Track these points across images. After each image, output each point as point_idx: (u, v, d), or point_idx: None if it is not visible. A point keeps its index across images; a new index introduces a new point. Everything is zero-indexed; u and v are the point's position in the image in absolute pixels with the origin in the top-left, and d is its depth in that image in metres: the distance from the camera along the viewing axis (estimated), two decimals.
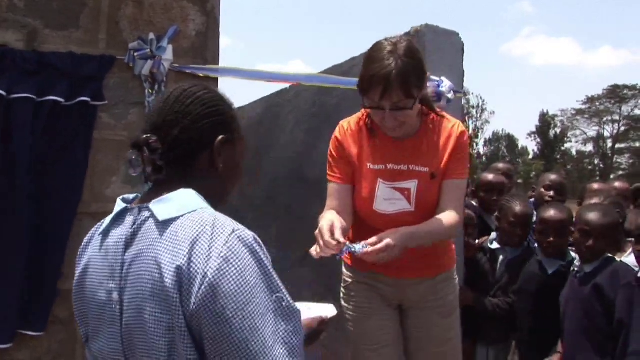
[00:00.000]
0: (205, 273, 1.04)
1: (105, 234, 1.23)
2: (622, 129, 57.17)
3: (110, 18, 2.57)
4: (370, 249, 1.89)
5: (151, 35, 2.53)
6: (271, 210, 4.78)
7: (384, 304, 2.30)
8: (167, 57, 2.54)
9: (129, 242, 1.17)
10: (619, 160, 59.08)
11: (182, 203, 1.17)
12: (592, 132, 59.33)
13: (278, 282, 1.13)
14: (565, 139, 62.40)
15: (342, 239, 1.91)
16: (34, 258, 2.53)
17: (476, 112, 67.05)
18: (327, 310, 1.54)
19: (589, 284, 2.54)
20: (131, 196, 1.28)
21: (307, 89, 4.26)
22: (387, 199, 2.14)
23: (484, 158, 69.36)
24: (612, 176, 56.73)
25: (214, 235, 1.08)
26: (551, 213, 2.91)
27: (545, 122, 62.89)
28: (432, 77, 3.06)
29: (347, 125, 2.26)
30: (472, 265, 3.16)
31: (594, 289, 2.51)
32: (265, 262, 1.12)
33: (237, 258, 1.07)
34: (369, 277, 2.29)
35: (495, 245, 3.22)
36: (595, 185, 3.83)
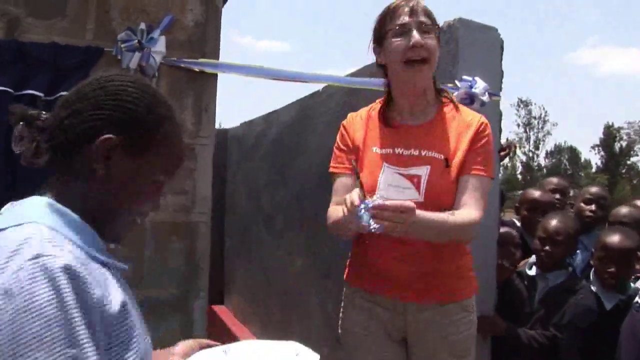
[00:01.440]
0: None
1: None
2: None
3: (100, 6, 2.32)
4: (388, 202, 1.62)
5: (141, 25, 2.27)
6: (300, 215, 4.53)
7: (384, 335, 1.98)
8: (159, 50, 2.27)
9: None
10: None
11: (20, 212, 0.91)
12: None
13: (84, 333, 0.80)
14: (631, 152, 60.23)
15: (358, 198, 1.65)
16: None
17: (538, 123, 65.48)
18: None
19: None
20: None
21: (337, 91, 4.00)
22: (393, 185, 1.87)
23: (545, 170, 67.65)
24: None
25: (10, 259, 0.81)
26: (615, 239, 2.53)
27: (610, 134, 60.94)
28: (465, 77, 2.72)
29: (356, 114, 2.09)
30: (506, 292, 2.77)
31: None
32: (72, 303, 0.80)
33: (24, 293, 0.77)
34: (365, 298, 2.00)
35: (534, 271, 2.81)
36: None
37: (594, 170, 65.61)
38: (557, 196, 3.37)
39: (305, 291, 4.39)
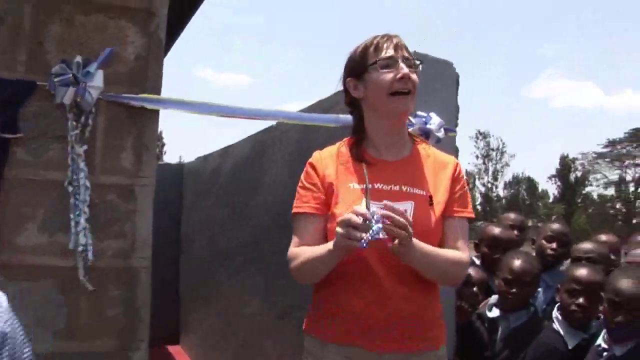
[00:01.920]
0: None
1: None
2: None
3: (33, 37, 2.16)
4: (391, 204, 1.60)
5: (77, 58, 2.13)
6: (256, 255, 4.38)
7: None
8: (96, 84, 2.12)
9: None
10: None
11: None
12: (613, 175, 58.58)
13: None
14: (587, 182, 61.63)
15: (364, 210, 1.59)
16: None
17: (496, 154, 66.61)
18: None
19: None
20: None
21: (292, 126, 3.90)
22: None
23: (504, 201, 68.64)
24: (634, 220, 55.73)
25: None
26: (585, 272, 2.50)
27: (566, 165, 62.33)
28: (419, 113, 2.64)
29: (323, 151, 1.95)
30: (466, 335, 2.66)
31: None
32: None
33: None
34: (333, 351, 1.80)
35: (495, 313, 2.71)
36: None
37: (551, 200, 66.84)
38: (516, 232, 3.29)
39: (260, 333, 4.23)
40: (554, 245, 3.02)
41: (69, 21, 2.18)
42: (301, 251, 1.81)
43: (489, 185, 67.21)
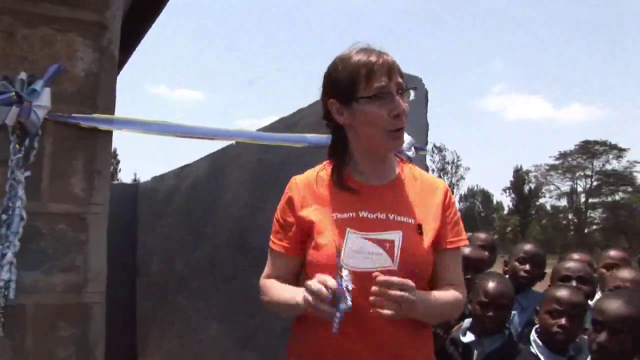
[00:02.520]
0: None
1: None
2: (595, 183, 57.94)
3: None
4: (393, 278, 1.50)
5: (21, 75, 1.94)
6: (214, 279, 4.20)
7: None
8: (42, 104, 1.94)
9: None
10: (592, 215, 59.66)
11: None
12: (565, 187, 60.17)
13: None
14: (540, 194, 63.05)
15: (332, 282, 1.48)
16: None
17: (451, 168, 67.55)
18: None
19: None
20: None
21: (250, 145, 3.75)
22: (360, 252, 1.61)
23: (459, 213, 69.41)
24: (585, 230, 57.07)
25: None
26: (567, 293, 2.46)
27: (520, 177, 63.67)
28: None
29: (302, 178, 1.81)
30: None
31: None
32: None
33: None
34: None
35: (469, 337, 2.60)
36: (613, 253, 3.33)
37: (506, 212, 68.07)
38: (486, 253, 3.20)
39: (221, 359, 4.04)
40: (527, 267, 2.94)
41: (11, 34, 2.00)
42: (271, 288, 1.76)
43: None
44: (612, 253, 3.37)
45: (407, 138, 2.53)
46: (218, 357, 4.12)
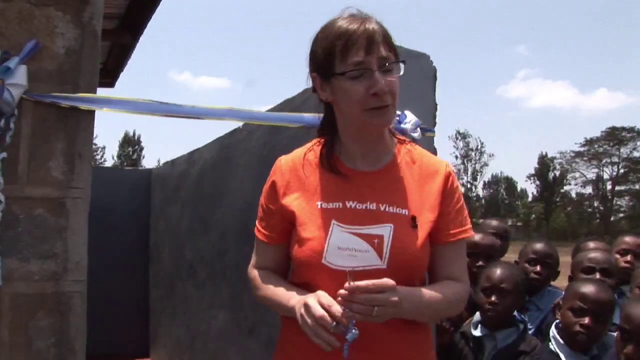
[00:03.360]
0: None
1: None
2: (622, 171, 57.15)
3: None
4: (364, 282, 1.33)
5: None
6: (222, 268, 4.11)
7: None
8: (18, 82, 1.82)
9: None
10: (618, 203, 58.90)
11: None
12: (591, 174, 59.34)
13: None
14: (565, 181, 62.29)
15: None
16: None
17: (475, 154, 66.92)
18: None
19: None
20: None
21: (258, 128, 3.63)
22: (345, 249, 1.46)
23: (483, 201, 68.93)
24: (612, 218, 56.26)
25: None
26: (593, 289, 2.22)
27: (544, 164, 62.95)
28: None
29: (287, 160, 1.64)
30: (448, 356, 2.40)
31: None
32: None
33: None
34: None
35: (480, 331, 2.45)
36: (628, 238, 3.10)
37: (530, 199, 67.37)
38: (498, 240, 3.02)
39: (228, 348, 3.96)
40: (537, 268, 2.74)
41: None
42: (264, 283, 1.63)
43: (469, 185, 67.52)
44: (627, 239, 3.13)
45: (412, 119, 2.39)
46: (224, 345, 4.03)
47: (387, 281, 1.35)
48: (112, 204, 6.39)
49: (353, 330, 1.33)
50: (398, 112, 2.36)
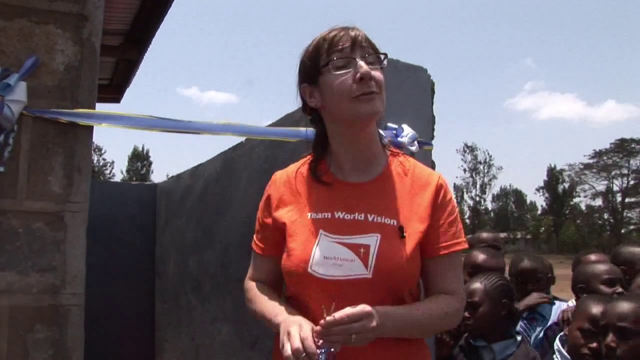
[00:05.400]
0: None
1: None
2: (632, 182, 56.77)
3: None
4: (339, 314, 1.32)
5: None
6: (225, 281, 4.12)
7: None
8: (17, 98, 1.86)
9: None
10: (629, 215, 58.49)
11: None
12: (601, 186, 59.08)
13: None
14: (574, 193, 61.97)
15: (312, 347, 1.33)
16: None
17: (483, 167, 66.77)
18: None
19: None
20: None
21: (259, 143, 3.66)
22: (330, 258, 1.47)
23: (492, 214, 68.66)
24: (622, 230, 55.85)
25: None
26: (603, 311, 2.12)
27: (554, 176, 62.73)
28: (389, 125, 2.40)
29: (282, 174, 1.69)
30: None
31: None
32: None
33: None
34: None
35: (480, 342, 2.44)
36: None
37: (539, 212, 67.04)
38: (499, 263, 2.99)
39: None
40: (529, 286, 2.73)
41: None
42: (255, 298, 1.65)
43: (477, 198, 67.31)
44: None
45: (409, 132, 2.40)
46: (227, 358, 4.04)
47: (363, 309, 1.34)
48: (118, 218, 6.43)
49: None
50: (394, 126, 2.38)
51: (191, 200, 5.20)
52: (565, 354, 2.21)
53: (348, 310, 1.33)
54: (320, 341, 1.34)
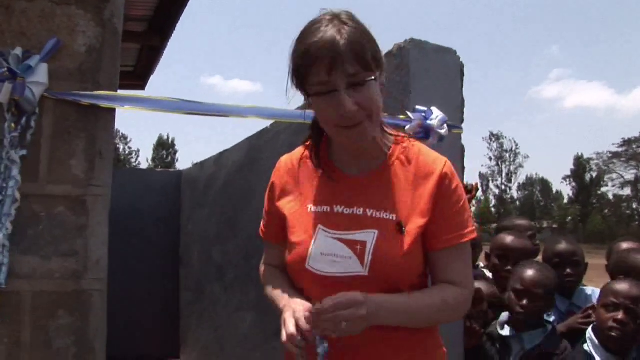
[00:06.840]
0: None
1: None
2: None
3: None
4: (328, 303, 1.30)
5: (16, 50, 1.83)
6: (249, 270, 4.09)
7: None
8: (39, 80, 1.83)
9: None
10: None
11: None
12: (629, 175, 58.07)
13: None
14: (602, 182, 61.04)
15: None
16: None
17: (509, 156, 66.09)
18: None
19: None
20: None
21: (285, 129, 3.61)
22: (327, 254, 1.43)
23: (518, 203, 68.00)
24: None
25: None
26: (625, 285, 2.18)
27: (581, 165, 61.87)
28: (418, 107, 2.33)
29: (287, 160, 1.63)
30: (475, 359, 2.34)
31: None
32: None
33: None
34: None
35: (507, 331, 2.38)
36: None
37: (565, 201, 66.26)
38: (527, 244, 2.90)
39: (254, 350, 3.94)
40: (568, 270, 2.64)
41: (8, 8, 1.89)
42: (266, 280, 1.66)
43: (503, 187, 66.72)
44: None
45: (438, 115, 2.33)
46: (252, 348, 4.01)
47: (353, 296, 1.31)
48: (143, 205, 6.44)
49: (324, 344, 1.35)
50: (423, 109, 2.31)
51: (215, 188, 5.17)
52: (595, 340, 2.16)
53: (337, 298, 1.30)
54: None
